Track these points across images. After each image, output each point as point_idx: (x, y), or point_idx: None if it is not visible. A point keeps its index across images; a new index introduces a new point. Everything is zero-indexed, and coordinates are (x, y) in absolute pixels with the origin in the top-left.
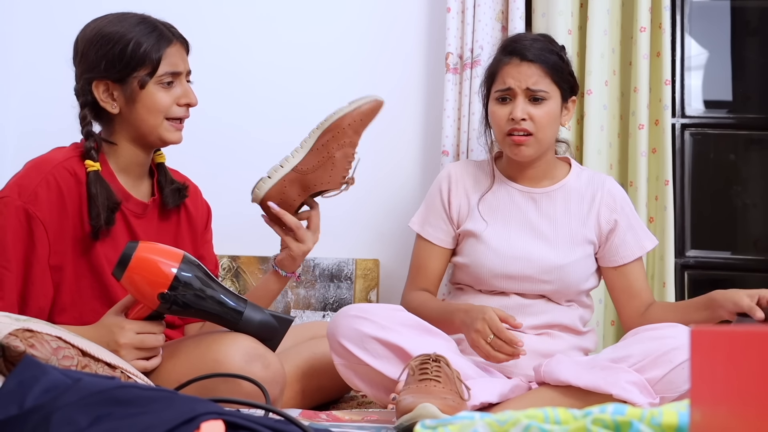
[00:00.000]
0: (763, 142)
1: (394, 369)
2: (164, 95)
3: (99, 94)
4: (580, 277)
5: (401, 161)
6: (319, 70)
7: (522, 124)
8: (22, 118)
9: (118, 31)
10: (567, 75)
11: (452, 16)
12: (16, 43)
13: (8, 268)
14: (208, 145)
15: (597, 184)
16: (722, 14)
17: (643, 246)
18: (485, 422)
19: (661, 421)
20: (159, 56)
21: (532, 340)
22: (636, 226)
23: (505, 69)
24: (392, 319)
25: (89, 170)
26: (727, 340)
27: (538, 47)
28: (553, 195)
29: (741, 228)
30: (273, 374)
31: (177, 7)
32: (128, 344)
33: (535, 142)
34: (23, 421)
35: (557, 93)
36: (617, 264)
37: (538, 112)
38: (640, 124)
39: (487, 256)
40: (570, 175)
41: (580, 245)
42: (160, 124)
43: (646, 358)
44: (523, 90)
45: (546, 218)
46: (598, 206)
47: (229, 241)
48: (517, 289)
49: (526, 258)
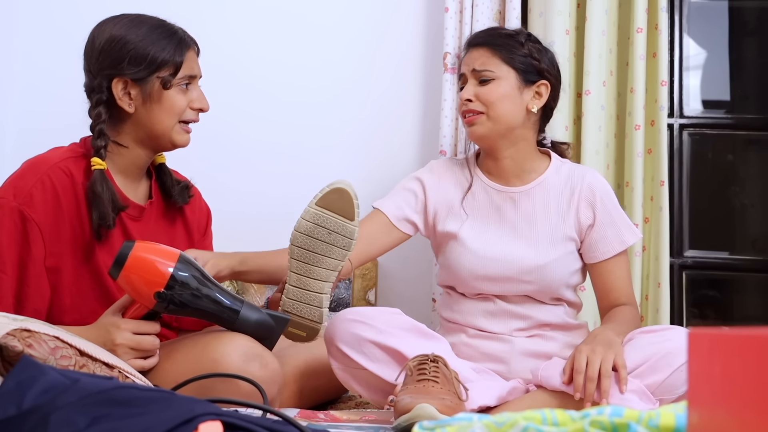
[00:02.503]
0: (761, 143)
1: (392, 373)
2: (181, 97)
3: (117, 91)
4: (561, 275)
5: (399, 161)
6: (318, 70)
7: (469, 105)
8: (22, 114)
9: (141, 31)
10: (525, 57)
11: (450, 15)
12: (16, 40)
13: (3, 270)
14: (208, 145)
15: (576, 179)
16: (720, 14)
17: (624, 241)
18: (483, 423)
19: (659, 423)
20: (182, 59)
21: (524, 343)
22: (617, 221)
23: (462, 61)
24: (390, 323)
25: (95, 168)
26: (726, 342)
27: (489, 33)
28: (531, 193)
29: (739, 228)
30: (271, 374)
31: (176, 7)
32: (124, 344)
33: (487, 120)
34: (21, 421)
35: (511, 73)
36: (597, 260)
37: (484, 90)
38: (636, 125)
39: (466, 258)
40: (549, 170)
41: (561, 243)
42: (173, 126)
43: (645, 363)
44: (471, 72)
45: (525, 217)
46: (578, 201)
47: (228, 241)
48: (499, 291)
49: (505, 259)
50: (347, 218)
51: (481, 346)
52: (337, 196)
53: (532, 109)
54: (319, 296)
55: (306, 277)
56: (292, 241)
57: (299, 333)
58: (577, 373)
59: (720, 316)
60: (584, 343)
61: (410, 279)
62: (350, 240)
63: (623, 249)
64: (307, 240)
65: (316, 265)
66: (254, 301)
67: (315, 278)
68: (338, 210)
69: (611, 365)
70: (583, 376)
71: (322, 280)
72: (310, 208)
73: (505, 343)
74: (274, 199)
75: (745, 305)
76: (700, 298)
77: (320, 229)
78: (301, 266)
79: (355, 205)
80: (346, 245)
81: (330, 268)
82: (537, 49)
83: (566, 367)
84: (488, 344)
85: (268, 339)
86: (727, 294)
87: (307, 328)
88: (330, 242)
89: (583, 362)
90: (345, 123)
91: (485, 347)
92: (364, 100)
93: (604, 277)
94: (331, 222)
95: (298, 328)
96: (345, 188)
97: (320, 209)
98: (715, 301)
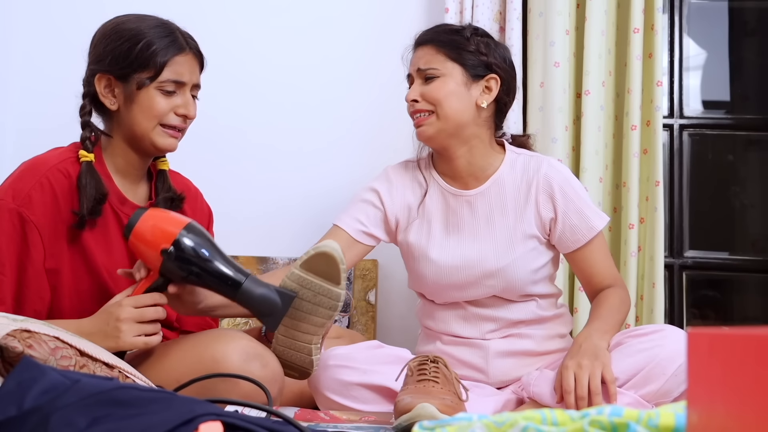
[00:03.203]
0: (761, 143)
1: (383, 409)
2: (162, 101)
3: (100, 88)
4: (523, 273)
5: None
6: (317, 71)
7: (415, 105)
8: (21, 115)
9: (133, 29)
10: (471, 52)
11: (450, 16)
12: (16, 40)
13: (2, 272)
14: (208, 146)
15: (532, 171)
16: (720, 15)
17: (592, 227)
18: (483, 423)
19: (658, 422)
20: (164, 61)
21: (499, 344)
22: (582, 208)
23: (410, 62)
24: (372, 359)
25: (82, 160)
26: (725, 342)
27: (434, 30)
28: (486, 193)
29: (739, 228)
30: (271, 373)
31: (176, 6)
32: (128, 318)
33: (436, 120)
34: (22, 422)
35: (457, 69)
36: (570, 250)
37: (429, 88)
38: (632, 125)
39: (429, 268)
40: (503, 165)
41: (520, 242)
42: (152, 129)
43: (638, 373)
44: (416, 72)
45: (482, 220)
46: (535, 195)
47: (228, 241)
48: (467, 297)
49: (466, 265)
50: (333, 282)
51: (457, 354)
52: (322, 260)
53: (482, 104)
54: (308, 346)
55: (293, 330)
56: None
57: (291, 373)
58: (567, 393)
59: (720, 316)
60: (570, 357)
61: None
62: (336, 302)
63: (593, 235)
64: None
65: (303, 321)
66: None
67: (302, 332)
68: (323, 274)
69: (599, 380)
70: (573, 396)
71: (310, 334)
72: (295, 271)
73: (479, 348)
74: (274, 200)
75: (745, 305)
76: (700, 299)
77: (305, 291)
78: (288, 320)
79: (341, 270)
80: (332, 306)
81: (317, 325)
82: (484, 44)
83: (556, 386)
84: (463, 351)
85: (271, 315)
86: (727, 294)
87: (298, 370)
88: (315, 303)
89: (571, 381)
90: (344, 124)
91: (460, 354)
92: (363, 102)
93: (582, 264)
94: (317, 285)
95: (290, 369)
96: (331, 252)
97: (306, 273)
98: (715, 302)
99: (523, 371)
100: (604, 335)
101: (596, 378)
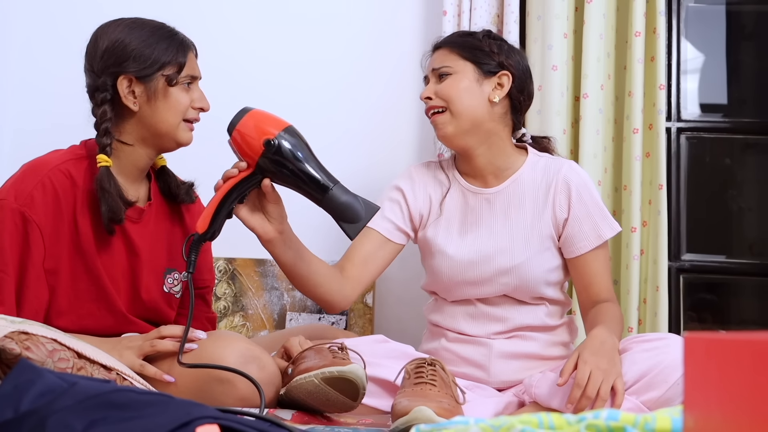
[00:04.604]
0: (759, 146)
1: (385, 402)
2: (185, 96)
3: (123, 89)
4: (538, 272)
5: (396, 164)
6: (315, 72)
7: (429, 102)
8: (19, 115)
9: (143, 32)
10: (484, 51)
11: (448, 19)
12: (13, 40)
13: (6, 272)
14: (207, 146)
15: (552, 173)
16: (718, 18)
17: (600, 235)
18: (480, 427)
19: (655, 426)
20: (185, 59)
21: (503, 345)
22: (594, 214)
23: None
24: (376, 353)
25: (101, 165)
26: (721, 346)
27: (450, 35)
28: (506, 192)
29: (736, 232)
30: (269, 375)
31: (173, 6)
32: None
33: (451, 117)
34: (18, 425)
35: (469, 67)
36: (574, 255)
37: (442, 85)
38: (634, 129)
39: (445, 264)
40: (525, 166)
41: (537, 241)
42: (178, 124)
43: (641, 379)
44: (431, 72)
45: (499, 216)
46: (554, 196)
47: (226, 243)
48: (479, 294)
49: (482, 261)
50: (350, 398)
51: (460, 351)
52: (346, 384)
53: (494, 99)
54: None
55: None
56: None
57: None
58: (577, 387)
59: (717, 319)
60: (590, 352)
61: (408, 281)
62: (352, 405)
63: (600, 243)
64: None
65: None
66: (251, 303)
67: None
68: (343, 391)
69: (610, 388)
70: (581, 391)
71: None
72: (314, 379)
73: (483, 346)
74: None
75: (742, 309)
76: (697, 302)
77: (318, 395)
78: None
79: (361, 394)
80: (345, 407)
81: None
82: (496, 45)
83: (566, 368)
84: (467, 348)
85: (353, 222)
86: (725, 297)
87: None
88: (329, 400)
89: (585, 375)
90: (342, 125)
91: (464, 352)
92: (361, 103)
93: (582, 272)
94: (333, 395)
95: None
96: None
97: (324, 385)
98: (713, 305)
99: (525, 374)
100: (617, 341)
101: (608, 384)
